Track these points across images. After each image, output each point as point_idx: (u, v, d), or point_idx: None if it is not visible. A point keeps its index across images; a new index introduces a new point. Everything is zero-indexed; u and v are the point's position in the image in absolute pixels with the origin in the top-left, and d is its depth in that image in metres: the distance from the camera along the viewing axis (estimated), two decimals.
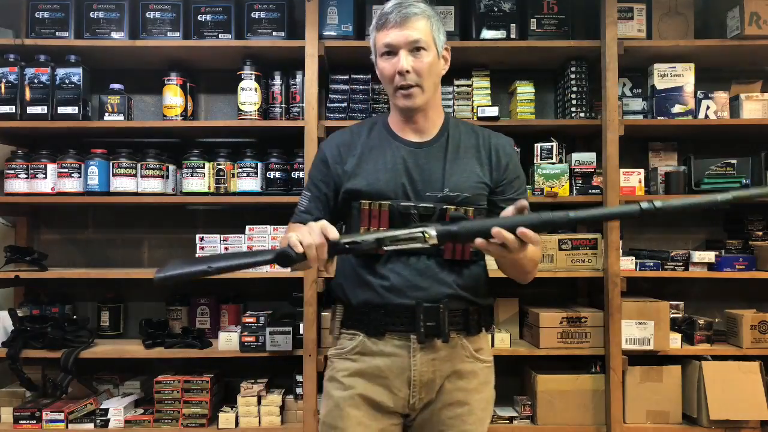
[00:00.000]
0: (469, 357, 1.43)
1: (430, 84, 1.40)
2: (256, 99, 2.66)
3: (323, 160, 1.49)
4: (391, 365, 1.39)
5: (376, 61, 1.44)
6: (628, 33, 2.66)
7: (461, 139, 1.46)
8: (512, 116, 2.83)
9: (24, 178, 2.63)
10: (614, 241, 2.54)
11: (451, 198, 1.38)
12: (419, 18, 1.37)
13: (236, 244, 2.61)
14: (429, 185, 1.39)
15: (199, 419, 2.54)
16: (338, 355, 1.46)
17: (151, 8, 2.66)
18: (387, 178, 1.40)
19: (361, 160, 1.44)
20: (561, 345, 2.58)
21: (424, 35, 1.37)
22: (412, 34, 1.36)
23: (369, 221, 1.38)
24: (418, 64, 1.37)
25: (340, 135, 1.51)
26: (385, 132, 1.47)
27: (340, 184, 1.45)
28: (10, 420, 2.52)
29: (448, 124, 1.48)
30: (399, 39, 1.36)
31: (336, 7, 2.65)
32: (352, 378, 1.41)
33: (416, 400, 1.40)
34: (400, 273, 1.38)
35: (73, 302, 2.87)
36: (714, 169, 2.70)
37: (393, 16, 1.36)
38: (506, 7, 2.69)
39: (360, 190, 1.41)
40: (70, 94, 2.60)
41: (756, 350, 2.62)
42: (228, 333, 2.58)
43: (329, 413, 1.42)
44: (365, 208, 1.39)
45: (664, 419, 2.58)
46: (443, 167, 1.41)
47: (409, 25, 1.36)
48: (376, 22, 1.40)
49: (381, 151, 1.44)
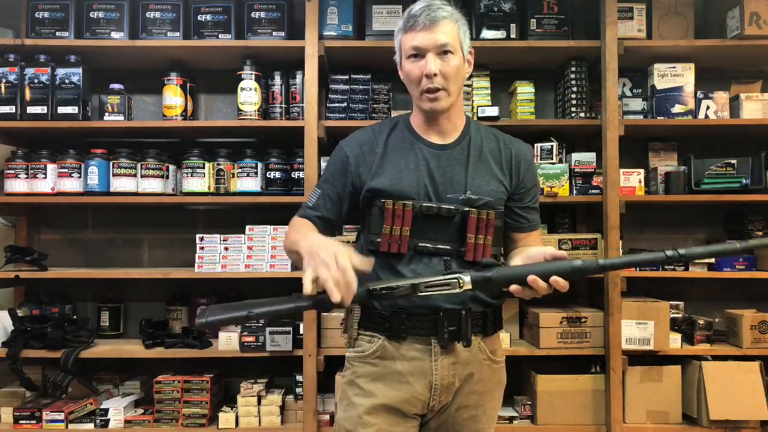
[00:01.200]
0: (486, 360, 1.43)
1: (455, 88, 1.39)
2: (256, 99, 2.66)
3: (343, 158, 1.46)
4: (413, 369, 1.38)
5: (401, 62, 1.42)
6: (628, 33, 2.67)
7: (483, 143, 1.46)
8: (512, 116, 2.83)
9: (24, 178, 2.63)
10: (614, 241, 2.54)
11: (473, 201, 1.38)
12: (447, 21, 1.36)
13: (236, 244, 2.61)
14: (451, 187, 1.39)
15: (199, 419, 2.54)
16: (358, 358, 1.44)
17: (151, 8, 2.67)
18: (410, 179, 1.39)
19: (383, 160, 1.43)
20: (561, 345, 2.58)
21: (452, 39, 1.36)
22: (441, 37, 1.35)
23: (393, 220, 1.37)
24: (446, 67, 1.36)
25: (361, 133, 1.49)
26: (407, 132, 1.46)
27: (360, 183, 1.43)
28: (10, 420, 2.52)
29: (470, 127, 1.48)
30: (427, 42, 1.35)
31: (336, 7, 2.66)
32: (373, 384, 1.39)
33: (435, 402, 1.40)
34: (423, 275, 1.36)
35: (73, 302, 2.87)
36: (714, 169, 2.70)
37: (422, 18, 1.35)
38: (506, 7, 2.69)
39: (383, 190, 1.39)
40: (70, 94, 2.60)
41: (756, 350, 2.62)
42: (228, 333, 2.58)
43: (349, 419, 1.40)
44: (389, 207, 1.37)
45: (664, 419, 2.58)
46: (465, 170, 1.41)
47: (438, 28, 1.35)
48: (404, 23, 1.39)
49: (404, 151, 1.43)
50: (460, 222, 1.38)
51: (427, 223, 1.38)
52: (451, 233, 1.38)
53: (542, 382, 2.58)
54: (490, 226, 1.39)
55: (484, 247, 1.39)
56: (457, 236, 1.38)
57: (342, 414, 1.43)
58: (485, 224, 1.38)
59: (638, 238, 2.96)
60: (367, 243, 1.43)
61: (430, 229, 1.38)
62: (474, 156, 1.43)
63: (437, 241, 1.38)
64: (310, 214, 1.46)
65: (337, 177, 1.46)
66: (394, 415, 1.38)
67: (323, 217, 1.46)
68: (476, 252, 1.38)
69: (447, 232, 1.38)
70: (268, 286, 2.76)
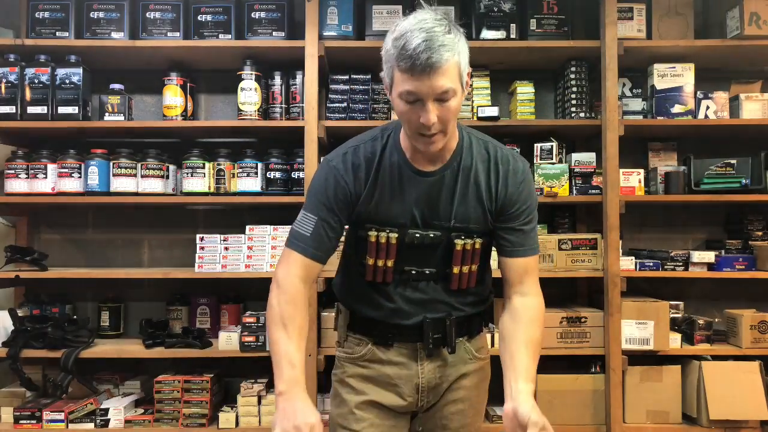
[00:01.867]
0: (471, 358, 1.47)
1: (453, 126, 1.28)
2: (256, 99, 2.66)
3: (337, 179, 1.34)
4: (400, 373, 1.41)
5: (392, 95, 1.24)
6: (628, 33, 2.66)
7: (473, 165, 1.36)
8: (512, 116, 2.83)
9: (24, 178, 2.63)
10: (614, 241, 2.54)
11: (458, 229, 1.36)
12: (449, 62, 1.16)
13: (236, 244, 2.61)
14: (437, 215, 1.36)
15: (199, 419, 2.54)
16: (348, 358, 1.46)
17: (151, 8, 2.66)
18: (397, 207, 1.35)
19: (374, 187, 1.34)
20: (561, 345, 2.58)
21: (453, 82, 1.18)
22: (442, 84, 1.17)
23: (377, 253, 1.37)
24: (445, 112, 1.20)
25: (353, 155, 1.35)
26: (397, 156, 1.35)
27: (350, 204, 1.35)
28: (10, 420, 2.52)
29: (462, 146, 1.36)
30: (426, 90, 1.17)
31: (336, 7, 2.65)
32: (364, 384, 1.43)
33: (424, 402, 1.44)
34: (409, 298, 1.39)
35: (73, 302, 2.87)
36: (714, 169, 2.70)
37: (421, 62, 1.14)
38: (506, 7, 2.69)
39: (372, 218, 1.36)
40: (70, 94, 2.60)
41: (756, 350, 2.62)
42: (228, 333, 2.58)
43: (341, 415, 1.43)
44: (372, 240, 1.35)
45: (663, 419, 2.59)
46: (452, 198, 1.35)
47: (439, 74, 1.16)
48: (398, 56, 1.17)
49: (394, 179, 1.35)
50: (445, 249, 1.37)
51: (413, 250, 1.37)
52: (437, 259, 1.38)
53: (542, 381, 2.57)
54: (476, 254, 1.38)
55: (470, 275, 1.40)
56: (443, 262, 1.38)
57: (334, 410, 1.46)
58: (471, 254, 1.37)
59: (638, 238, 2.96)
60: (357, 265, 1.42)
61: (416, 254, 1.38)
62: (462, 182, 1.35)
63: (422, 266, 1.38)
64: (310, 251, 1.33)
65: (325, 199, 1.34)
66: (384, 411, 1.42)
67: (323, 246, 1.34)
68: (461, 281, 1.39)
69: (432, 257, 1.38)
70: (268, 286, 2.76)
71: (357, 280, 1.43)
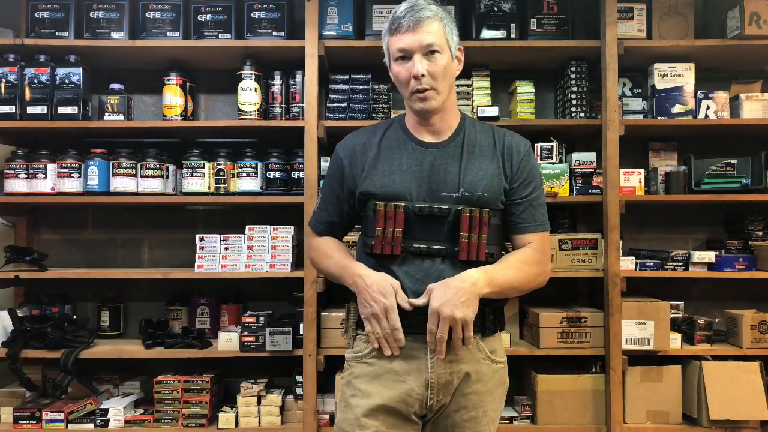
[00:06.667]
0: (485, 359, 1.42)
1: (445, 86, 1.40)
2: (256, 99, 2.66)
3: (337, 162, 1.50)
4: (408, 368, 1.38)
5: (390, 65, 1.43)
6: (628, 33, 2.66)
7: (477, 138, 1.45)
8: (512, 116, 2.83)
9: (24, 178, 2.63)
10: (614, 241, 2.54)
11: (467, 198, 1.38)
12: (432, 21, 1.36)
13: (236, 244, 2.61)
14: (444, 186, 1.39)
15: (199, 419, 2.54)
16: (355, 358, 1.45)
17: (151, 8, 2.66)
18: (402, 180, 1.40)
19: (376, 162, 1.44)
20: (561, 345, 2.58)
21: (438, 38, 1.37)
22: (426, 38, 1.35)
23: (385, 222, 1.38)
24: (433, 67, 1.37)
25: (355, 136, 1.51)
26: (401, 133, 1.47)
27: (354, 186, 1.45)
28: (10, 420, 2.52)
29: (465, 123, 1.48)
30: (413, 44, 1.36)
31: (336, 7, 2.66)
32: (370, 384, 1.39)
33: (434, 401, 1.39)
34: (415, 276, 1.38)
35: (73, 302, 2.87)
36: (714, 169, 2.70)
37: (406, 20, 1.36)
38: (506, 7, 2.69)
39: (374, 193, 1.41)
40: (70, 94, 2.60)
41: (756, 350, 2.62)
42: (228, 333, 2.58)
43: (347, 420, 1.40)
44: (380, 209, 1.38)
45: (664, 419, 2.58)
46: (459, 167, 1.40)
47: (423, 29, 1.35)
48: (389, 26, 1.40)
49: (397, 152, 1.44)
50: (453, 221, 1.37)
51: (421, 224, 1.38)
52: (445, 233, 1.38)
53: (542, 382, 2.58)
54: (484, 224, 1.37)
55: (479, 245, 1.37)
56: (451, 236, 1.38)
57: (340, 415, 1.44)
58: (478, 222, 1.37)
59: (638, 238, 2.96)
60: (363, 246, 1.44)
61: (424, 229, 1.38)
62: (468, 151, 1.43)
63: (431, 242, 1.38)
64: (320, 227, 1.55)
65: (334, 180, 1.51)
66: (392, 416, 1.38)
67: (331, 222, 1.54)
68: (470, 251, 1.37)
69: (441, 232, 1.38)
70: (268, 286, 2.77)
71: (364, 261, 1.43)
